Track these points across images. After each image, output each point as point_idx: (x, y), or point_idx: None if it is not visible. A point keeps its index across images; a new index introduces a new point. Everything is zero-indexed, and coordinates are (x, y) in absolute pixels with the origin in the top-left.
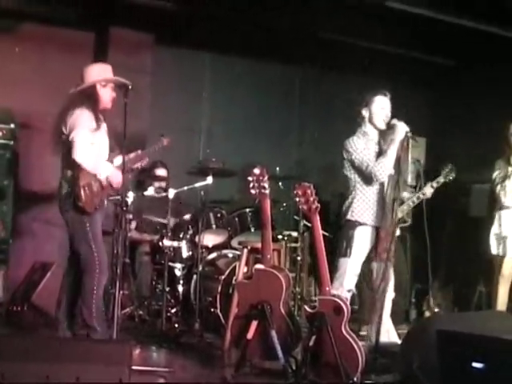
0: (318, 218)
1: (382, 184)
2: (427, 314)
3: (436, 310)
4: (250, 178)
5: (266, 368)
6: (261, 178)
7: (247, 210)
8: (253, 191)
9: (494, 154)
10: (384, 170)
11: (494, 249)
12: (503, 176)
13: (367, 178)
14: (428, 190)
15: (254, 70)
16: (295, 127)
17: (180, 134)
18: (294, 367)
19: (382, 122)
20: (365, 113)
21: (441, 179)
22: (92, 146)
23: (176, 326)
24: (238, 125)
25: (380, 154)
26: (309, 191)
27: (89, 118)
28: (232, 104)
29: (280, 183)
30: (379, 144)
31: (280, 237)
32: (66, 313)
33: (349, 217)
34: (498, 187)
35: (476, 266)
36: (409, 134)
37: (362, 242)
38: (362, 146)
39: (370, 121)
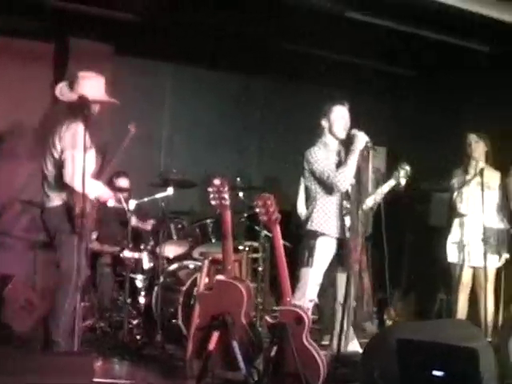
0: (279, 228)
1: (341, 194)
2: (388, 323)
3: (397, 318)
4: (210, 189)
5: (227, 379)
6: (221, 189)
7: (208, 220)
8: (213, 202)
9: (453, 163)
10: (345, 179)
11: (451, 256)
12: (460, 184)
13: (328, 188)
14: (378, 196)
15: (216, 80)
16: (257, 137)
17: (141, 144)
18: (255, 378)
19: (342, 132)
20: (324, 123)
21: (392, 182)
22: (83, 166)
23: (138, 337)
24: (199, 135)
25: (340, 164)
26: (269, 202)
27: (84, 136)
28: (193, 114)
29: (241, 193)
30: (339, 154)
31: (241, 247)
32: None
33: (309, 227)
34: (455, 194)
35: (436, 274)
36: (369, 144)
37: (323, 251)
38: (322, 157)
39: (330, 131)
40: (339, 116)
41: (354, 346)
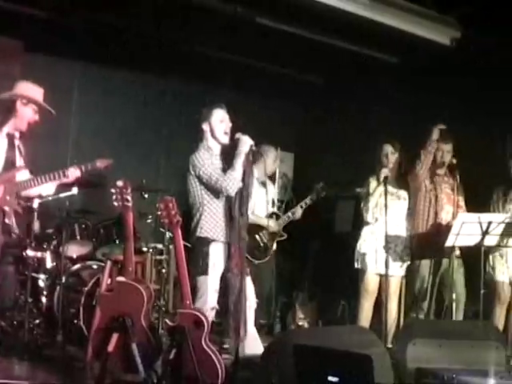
0: (180, 231)
1: (228, 199)
2: (292, 327)
3: (301, 323)
4: (112, 190)
5: (127, 381)
6: (124, 190)
7: (112, 221)
8: (116, 203)
9: (360, 171)
10: (234, 183)
11: (359, 263)
12: (366, 193)
13: (216, 193)
14: (298, 212)
15: (124, 82)
16: (164, 139)
17: (47, 143)
18: (154, 380)
19: (224, 136)
20: (205, 127)
21: (307, 200)
22: None
23: (38, 337)
24: (106, 135)
25: (224, 168)
26: (170, 205)
27: None
28: (101, 115)
29: (146, 195)
30: (222, 158)
31: (145, 249)
32: None
33: (199, 234)
34: (362, 204)
35: (340, 280)
36: (253, 148)
37: (216, 257)
38: (208, 161)
39: (212, 135)
40: (218, 119)
41: (258, 349)
